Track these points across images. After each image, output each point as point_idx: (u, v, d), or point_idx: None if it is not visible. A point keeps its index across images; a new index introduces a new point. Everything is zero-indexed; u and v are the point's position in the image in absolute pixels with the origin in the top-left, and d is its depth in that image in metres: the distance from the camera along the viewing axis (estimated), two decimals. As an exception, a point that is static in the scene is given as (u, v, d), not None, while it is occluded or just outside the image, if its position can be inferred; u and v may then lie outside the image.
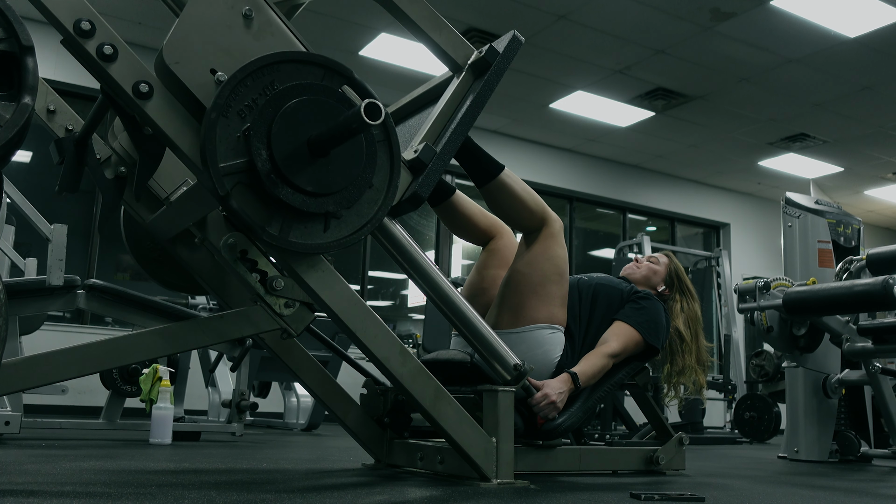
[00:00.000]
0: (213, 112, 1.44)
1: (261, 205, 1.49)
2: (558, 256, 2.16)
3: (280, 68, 1.51)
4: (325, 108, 1.51)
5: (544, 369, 2.09)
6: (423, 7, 1.85)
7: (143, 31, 6.27)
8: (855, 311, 3.22)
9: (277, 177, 1.47)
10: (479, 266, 2.37)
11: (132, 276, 6.91)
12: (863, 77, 6.68)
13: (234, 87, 1.46)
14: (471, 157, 2.11)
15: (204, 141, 1.43)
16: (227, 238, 1.65)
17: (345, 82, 1.57)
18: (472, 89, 1.83)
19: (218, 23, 1.53)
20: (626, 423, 4.83)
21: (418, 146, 1.72)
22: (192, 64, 1.49)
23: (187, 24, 1.50)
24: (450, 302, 1.84)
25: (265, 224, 1.49)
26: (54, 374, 1.50)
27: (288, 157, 1.47)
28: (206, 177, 1.44)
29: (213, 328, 1.67)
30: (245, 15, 1.56)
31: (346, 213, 1.56)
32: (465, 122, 1.78)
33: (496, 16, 5.87)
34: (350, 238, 1.58)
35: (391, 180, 1.61)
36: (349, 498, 1.47)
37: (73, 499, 1.30)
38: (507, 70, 1.85)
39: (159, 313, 3.09)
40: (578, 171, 8.88)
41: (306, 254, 1.57)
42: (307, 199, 1.50)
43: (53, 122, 1.95)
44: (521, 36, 1.89)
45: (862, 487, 2.27)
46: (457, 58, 1.88)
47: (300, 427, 4.80)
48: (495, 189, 2.12)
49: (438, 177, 1.75)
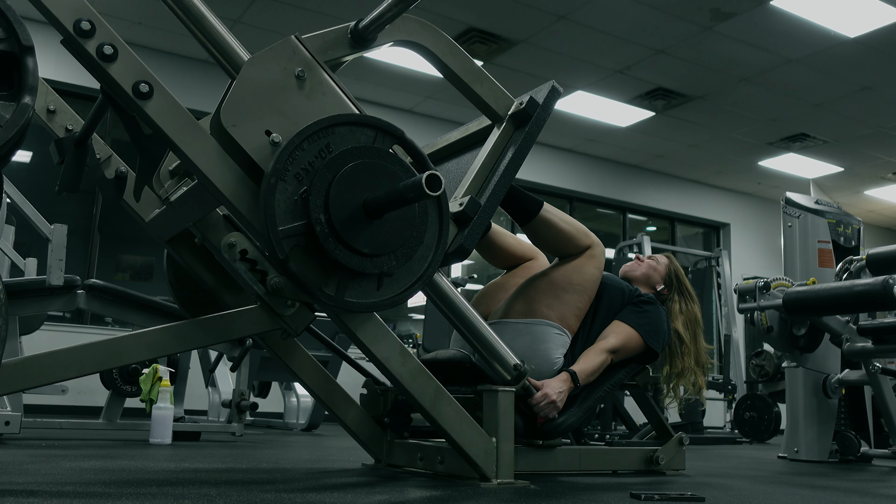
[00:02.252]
0: (272, 177, 1.48)
1: (317, 266, 1.53)
2: (589, 273, 2.20)
3: (335, 131, 1.55)
4: (378, 171, 1.56)
5: (544, 366, 2.09)
6: (466, 60, 1.90)
7: (143, 31, 6.27)
8: (855, 311, 3.22)
9: (335, 239, 1.50)
10: (509, 273, 2.42)
11: (132, 276, 6.91)
12: (863, 77, 6.68)
13: (292, 152, 1.50)
14: (511, 199, 2.14)
15: (264, 205, 1.47)
16: (227, 238, 1.65)
17: (395, 142, 1.61)
18: (514, 140, 1.87)
19: (272, 85, 1.57)
20: (626, 423, 4.83)
21: (463, 199, 1.76)
22: (249, 126, 1.54)
23: (243, 88, 1.54)
24: (449, 302, 1.84)
25: (322, 285, 1.53)
26: (54, 374, 1.50)
27: (345, 219, 1.51)
28: (266, 240, 1.48)
29: (213, 328, 1.67)
30: (298, 76, 1.60)
31: (398, 270, 1.60)
32: (508, 173, 1.81)
33: (496, 16, 5.87)
34: (402, 295, 1.63)
35: (440, 237, 1.65)
36: (349, 498, 1.47)
37: (73, 499, 1.30)
38: (546, 120, 1.89)
39: (159, 313, 3.09)
40: (578, 171, 8.88)
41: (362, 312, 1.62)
42: (363, 261, 1.54)
43: (53, 122, 1.95)
44: (560, 87, 1.94)
45: (862, 487, 2.27)
46: (497, 109, 1.92)
47: (300, 427, 4.80)
48: (538, 226, 2.17)
49: (483, 228, 1.79)
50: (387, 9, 1.67)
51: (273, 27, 5.99)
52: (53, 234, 2.95)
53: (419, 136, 2.01)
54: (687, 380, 2.40)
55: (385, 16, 1.69)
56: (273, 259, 1.52)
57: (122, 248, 6.93)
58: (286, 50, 1.61)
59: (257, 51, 1.59)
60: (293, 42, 1.62)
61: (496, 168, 1.83)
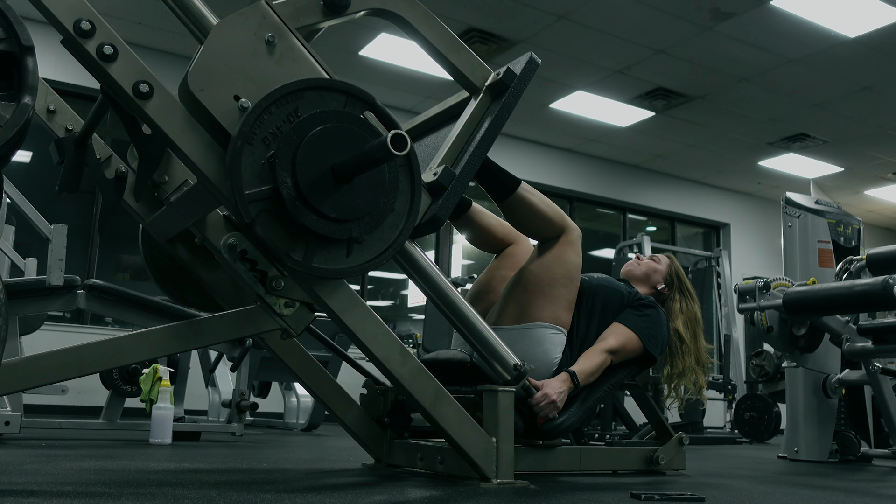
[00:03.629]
0: (238, 140, 1.46)
1: (285, 231, 1.51)
2: (571, 262, 2.18)
3: (303, 95, 1.52)
4: (348, 135, 1.53)
5: (544, 368, 2.09)
6: (442, 30, 1.87)
7: (143, 31, 6.27)
8: (855, 311, 3.22)
9: (302, 203, 1.48)
10: (492, 267, 2.40)
11: (132, 276, 6.91)
12: (863, 77, 6.68)
13: (259, 115, 1.48)
14: (488, 174, 2.12)
15: (230, 168, 1.45)
16: (226, 238, 1.65)
17: (366, 108, 1.59)
18: (490, 111, 1.84)
19: (241, 50, 1.55)
20: (626, 423, 4.83)
21: (437, 169, 1.74)
22: (217, 91, 1.51)
23: (211, 52, 1.52)
24: (450, 302, 1.84)
25: (290, 250, 1.51)
26: (54, 374, 1.49)
27: (312, 184, 1.49)
28: (232, 204, 1.46)
29: (213, 328, 1.67)
30: (268, 41, 1.57)
31: (369, 237, 1.58)
32: (483, 144, 1.79)
33: (496, 16, 5.87)
34: (372, 262, 1.60)
35: (412, 204, 1.63)
36: (349, 498, 1.47)
37: (73, 499, 1.30)
38: (523, 92, 1.87)
39: (159, 313, 3.09)
40: (578, 171, 8.88)
41: (330, 279, 1.59)
42: (331, 226, 1.51)
43: (53, 122, 1.95)
44: (538, 58, 1.92)
45: (862, 487, 2.27)
46: (474, 80, 1.89)
47: (300, 427, 4.80)
48: (514, 203, 2.14)
49: (458, 199, 1.76)
50: None
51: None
52: (53, 234, 2.95)
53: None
54: (688, 379, 2.39)
55: None
56: (240, 223, 1.49)
57: (122, 248, 6.94)
58: (256, 15, 1.58)
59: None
60: (263, 7, 1.59)
61: (472, 139, 1.80)
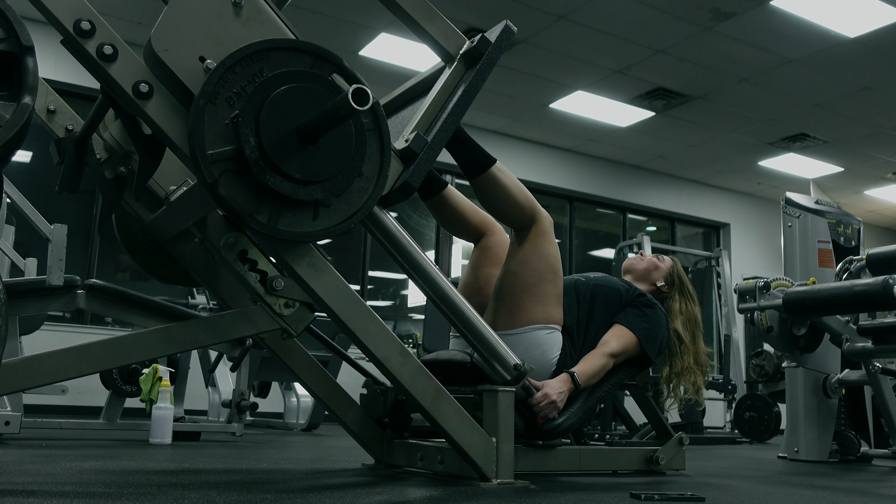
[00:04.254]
0: (200, 98, 1.43)
1: (249, 193, 1.48)
2: (550, 254, 2.15)
3: (269, 55, 1.49)
4: (314, 96, 1.50)
5: (543, 370, 2.09)
6: None
7: (143, 31, 6.24)
8: (855, 311, 3.22)
9: (266, 164, 1.45)
10: (473, 265, 2.36)
11: (132, 276, 6.91)
12: (863, 77, 6.68)
13: (223, 75, 1.45)
14: (463, 148, 2.09)
15: (192, 128, 1.42)
16: (227, 238, 1.65)
17: (335, 70, 1.55)
18: (464, 79, 1.82)
19: (207, 10, 1.52)
20: (626, 423, 4.82)
21: (409, 136, 1.71)
22: (181, 52, 1.48)
23: (176, 12, 1.49)
24: (448, 300, 1.84)
25: (254, 212, 1.48)
26: (54, 374, 1.50)
27: (276, 144, 1.46)
28: (195, 164, 1.43)
29: (213, 328, 1.67)
30: (234, 3, 1.54)
31: (336, 201, 1.55)
32: (457, 111, 1.77)
33: (496, 16, 5.86)
34: (339, 227, 1.56)
35: (381, 169, 1.60)
36: (349, 498, 1.47)
37: (73, 499, 1.30)
38: (498, 60, 1.84)
39: (159, 313, 3.09)
40: (578, 171, 8.88)
41: (296, 242, 1.57)
42: (296, 187, 1.49)
43: (53, 122, 1.95)
44: (514, 26, 1.88)
45: (862, 487, 2.27)
46: (448, 48, 1.86)
47: (300, 427, 4.80)
48: (486, 182, 2.11)
49: (429, 166, 1.73)
50: None
51: None
52: (53, 234, 2.95)
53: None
54: (687, 380, 2.39)
55: None
56: (203, 184, 1.46)
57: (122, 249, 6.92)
58: None
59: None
60: None
61: (445, 106, 1.77)
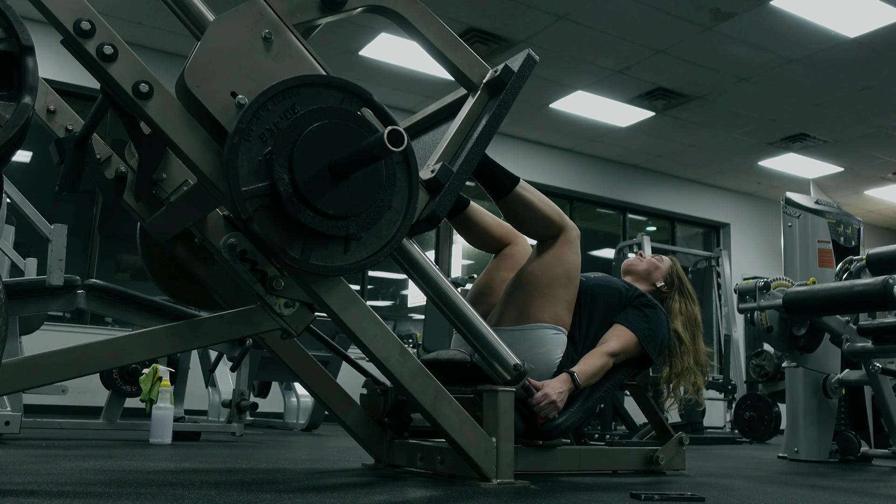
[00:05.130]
0: (235, 136, 1.46)
1: (282, 228, 1.51)
2: (570, 262, 2.17)
3: (300, 92, 1.52)
4: (345, 132, 1.53)
5: (545, 369, 2.09)
6: (440, 27, 1.87)
7: (143, 31, 6.27)
8: (855, 311, 3.22)
9: (299, 200, 1.48)
10: (491, 268, 2.39)
11: (132, 276, 6.91)
12: (863, 77, 6.68)
13: (256, 112, 1.48)
14: (486, 171, 2.12)
15: (227, 165, 1.45)
16: (226, 238, 1.65)
17: (364, 105, 1.59)
18: (488, 108, 1.84)
19: (238, 46, 1.55)
20: (626, 423, 4.83)
21: (435, 166, 1.73)
22: (214, 87, 1.51)
23: (208, 48, 1.52)
24: (450, 302, 1.84)
25: (287, 247, 1.51)
26: (54, 374, 1.49)
27: (309, 180, 1.49)
28: (229, 201, 1.46)
29: (213, 328, 1.67)
30: (265, 38, 1.57)
31: (366, 234, 1.58)
32: (481, 141, 1.79)
33: (496, 16, 5.87)
34: (370, 260, 1.60)
35: (410, 201, 1.63)
36: (349, 498, 1.47)
37: (73, 499, 1.30)
38: (521, 89, 1.86)
39: (159, 313, 3.09)
40: (578, 171, 8.88)
41: (327, 276, 1.60)
42: (328, 223, 1.51)
43: (53, 122, 1.95)
44: (536, 55, 1.90)
45: (862, 487, 2.27)
46: (472, 77, 1.89)
47: (300, 427, 4.80)
48: (512, 201, 2.14)
49: (455, 196, 1.76)
50: None
51: None
52: (53, 234, 2.95)
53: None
54: (687, 380, 2.39)
55: None
56: (237, 220, 1.49)
57: (122, 248, 6.93)
58: (253, 11, 1.58)
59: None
60: (259, 3, 1.59)
61: (469, 136, 1.80)
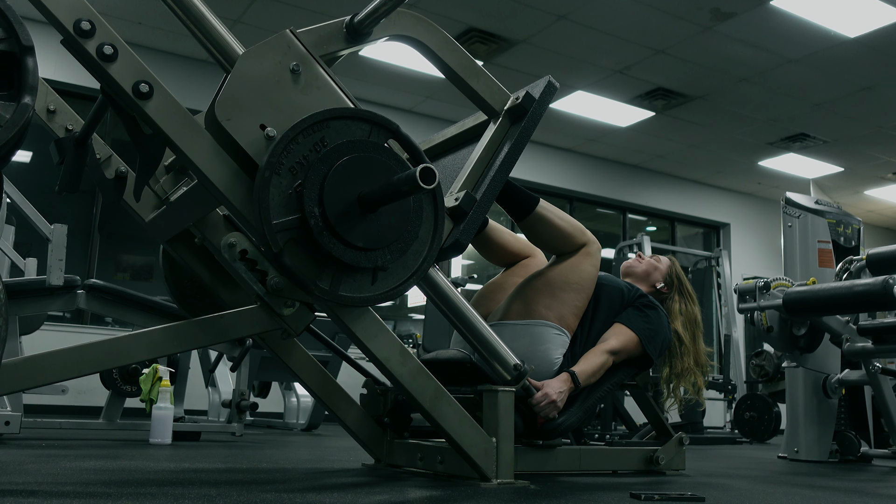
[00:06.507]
0: (267, 170, 1.48)
1: (312, 260, 1.53)
2: (586, 272, 2.19)
3: (329, 125, 1.55)
4: (373, 165, 1.55)
5: (544, 367, 2.09)
6: (462, 55, 1.89)
7: (143, 31, 6.27)
8: (855, 311, 3.21)
9: (330, 233, 1.50)
10: (506, 273, 2.42)
11: (132, 276, 6.91)
12: (863, 77, 6.68)
13: (287, 145, 1.50)
14: (507, 194, 2.13)
15: (258, 199, 1.47)
16: (227, 238, 1.65)
17: (390, 136, 1.61)
18: (510, 135, 1.86)
19: (267, 79, 1.57)
20: (626, 423, 4.82)
21: (458, 194, 1.75)
22: (243, 120, 1.54)
23: (238, 81, 1.54)
24: (446, 298, 1.84)
25: (316, 279, 1.53)
26: (54, 374, 1.49)
27: (340, 213, 1.51)
28: (260, 234, 1.48)
29: (213, 328, 1.67)
30: (293, 70, 1.60)
31: (393, 265, 1.60)
32: (504, 168, 1.81)
33: (496, 16, 5.87)
34: (397, 290, 1.63)
35: (436, 231, 1.65)
36: (349, 498, 1.47)
37: (73, 499, 1.30)
38: (543, 115, 1.88)
39: (159, 313, 3.09)
40: (578, 171, 8.88)
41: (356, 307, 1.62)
42: (358, 255, 1.54)
43: (53, 122, 1.95)
44: (557, 82, 1.92)
45: (862, 487, 2.27)
46: (494, 104, 1.90)
47: (300, 427, 4.80)
48: (533, 222, 2.17)
49: (479, 223, 1.78)
50: (381, 3, 1.67)
51: (273, 27, 5.98)
52: (53, 234, 2.95)
53: (419, 136, 2.01)
54: (687, 380, 2.39)
55: (380, 10, 1.68)
56: (268, 253, 1.52)
57: (122, 248, 6.94)
58: (281, 44, 1.60)
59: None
60: (288, 36, 1.62)
61: (492, 163, 1.82)
